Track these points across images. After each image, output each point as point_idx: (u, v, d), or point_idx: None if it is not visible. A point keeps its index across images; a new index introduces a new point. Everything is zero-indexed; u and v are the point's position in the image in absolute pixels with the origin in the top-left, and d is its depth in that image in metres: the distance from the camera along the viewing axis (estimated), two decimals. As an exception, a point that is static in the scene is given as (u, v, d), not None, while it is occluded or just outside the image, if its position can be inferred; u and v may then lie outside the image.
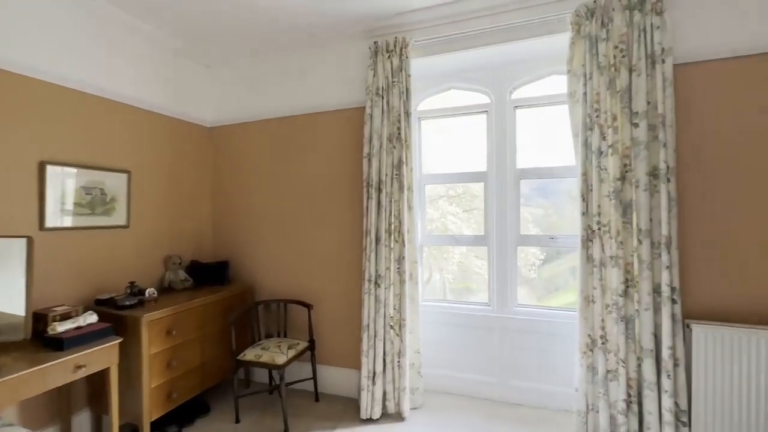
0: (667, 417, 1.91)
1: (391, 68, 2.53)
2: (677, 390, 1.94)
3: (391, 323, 2.49)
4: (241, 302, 2.91)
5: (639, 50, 2.02)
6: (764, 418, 1.80)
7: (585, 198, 2.14)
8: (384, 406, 2.51)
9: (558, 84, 2.55)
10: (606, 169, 2.08)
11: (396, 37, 2.51)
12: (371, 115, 2.56)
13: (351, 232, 2.79)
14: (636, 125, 2.02)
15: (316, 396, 2.72)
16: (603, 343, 2.07)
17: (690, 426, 1.93)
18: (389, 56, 2.54)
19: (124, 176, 2.51)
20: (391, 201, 2.52)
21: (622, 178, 2.06)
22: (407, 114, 2.51)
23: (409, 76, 2.51)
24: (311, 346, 2.68)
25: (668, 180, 1.96)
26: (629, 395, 2.01)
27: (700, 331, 1.92)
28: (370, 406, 2.47)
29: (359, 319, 2.73)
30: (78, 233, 2.26)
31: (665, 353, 1.93)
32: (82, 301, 2.25)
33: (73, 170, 2.24)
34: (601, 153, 2.10)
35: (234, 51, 2.98)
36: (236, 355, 2.47)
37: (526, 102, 2.65)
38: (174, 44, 2.81)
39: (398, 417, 2.48)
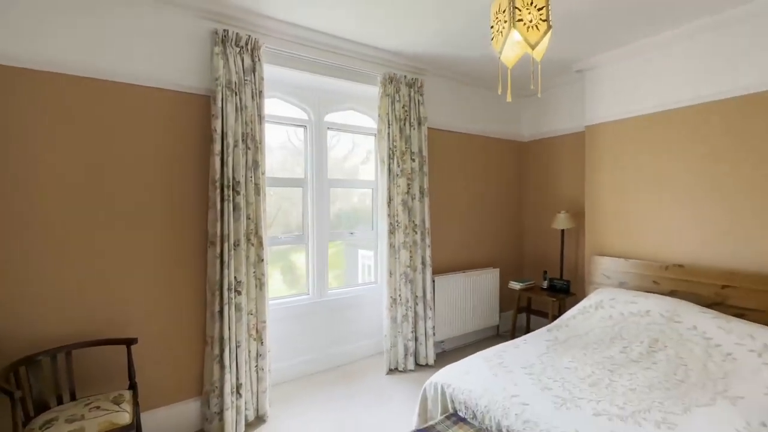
0: (429, 332, 3.29)
1: (243, 66, 2.43)
2: (433, 317, 3.35)
3: (248, 329, 2.43)
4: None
5: (413, 114, 3.26)
6: (463, 316, 3.56)
7: (389, 205, 3.15)
8: (245, 418, 2.40)
9: (356, 117, 3.41)
10: (399, 186, 3.18)
11: (249, 36, 2.45)
12: (223, 110, 2.33)
13: (180, 235, 2.34)
14: (413, 160, 3.25)
15: (142, 454, 2.09)
16: (399, 300, 3.17)
17: (435, 334, 3.40)
18: (240, 51, 2.42)
19: None
20: (247, 204, 2.43)
21: (407, 192, 3.23)
22: (260, 117, 2.51)
23: (263, 79, 2.52)
24: (135, 393, 2.05)
25: (428, 196, 3.33)
26: (414, 329, 3.23)
27: (438, 280, 3.43)
28: (235, 422, 2.30)
29: (200, 336, 2.38)
30: None
31: (428, 296, 3.29)
32: None
33: None
34: (396, 175, 3.17)
35: None
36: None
37: (335, 126, 3.31)
38: None
39: (260, 422, 2.46)
